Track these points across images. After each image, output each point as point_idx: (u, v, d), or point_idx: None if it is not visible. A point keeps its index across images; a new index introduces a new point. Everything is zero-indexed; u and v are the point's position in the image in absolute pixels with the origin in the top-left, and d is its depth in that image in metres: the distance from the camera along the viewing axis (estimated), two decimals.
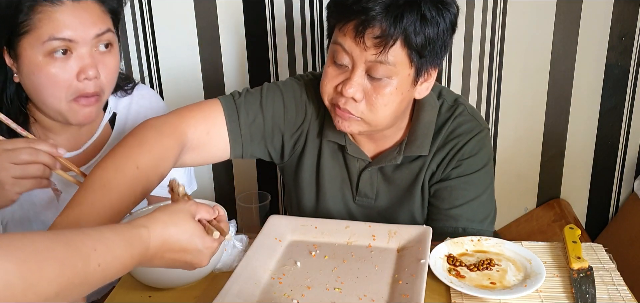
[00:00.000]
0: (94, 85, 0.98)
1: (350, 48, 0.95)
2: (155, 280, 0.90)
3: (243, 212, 1.50)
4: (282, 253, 1.00)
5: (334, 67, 1.00)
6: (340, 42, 0.96)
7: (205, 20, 1.67)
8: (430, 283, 0.89)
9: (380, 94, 0.97)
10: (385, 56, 0.93)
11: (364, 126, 1.02)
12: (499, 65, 1.69)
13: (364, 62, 0.95)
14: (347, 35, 0.95)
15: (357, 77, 0.96)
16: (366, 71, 0.96)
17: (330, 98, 1.02)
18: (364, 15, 0.91)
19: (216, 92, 1.75)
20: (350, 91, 0.96)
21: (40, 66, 0.94)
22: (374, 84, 0.96)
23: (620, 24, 1.63)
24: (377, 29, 0.91)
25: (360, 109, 0.99)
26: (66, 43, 0.94)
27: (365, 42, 0.93)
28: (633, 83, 1.70)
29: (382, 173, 1.13)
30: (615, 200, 1.86)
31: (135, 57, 1.72)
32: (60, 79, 0.95)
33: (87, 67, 0.97)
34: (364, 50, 0.94)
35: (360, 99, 0.97)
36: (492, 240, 0.99)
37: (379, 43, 0.92)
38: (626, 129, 1.76)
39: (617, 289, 0.88)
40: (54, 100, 0.98)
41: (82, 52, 0.96)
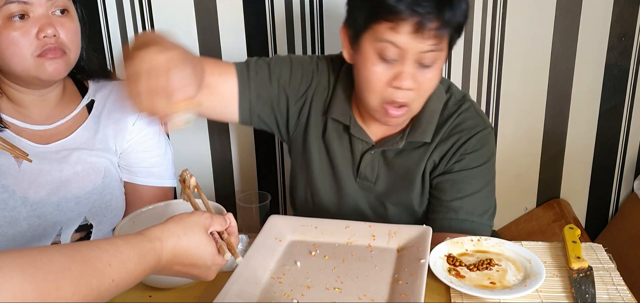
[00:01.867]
0: (55, 42, 1.04)
1: (405, 43, 0.96)
2: (155, 280, 0.91)
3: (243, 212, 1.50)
4: (282, 253, 1.00)
5: (382, 65, 1.00)
6: (391, 40, 0.96)
7: (205, 20, 1.67)
8: (430, 283, 0.89)
9: (428, 79, 1.01)
10: (439, 44, 0.97)
11: (410, 113, 1.06)
12: (499, 65, 1.69)
13: (415, 53, 0.97)
14: (402, 33, 0.95)
15: (409, 68, 0.99)
16: (416, 60, 0.98)
17: (382, 96, 1.02)
18: (422, 11, 0.93)
19: None
20: (407, 84, 0.99)
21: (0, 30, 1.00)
22: (422, 70, 1.00)
23: (620, 24, 1.63)
24: (437, 22, 0.94)
25: (412, 97, 1.02)
26: (22, 6, 1.00)
27: (424, 37, 0.95)
28: (633, 83, 1.70)
29: (384, 157, 1.15)
30: (615, 199, 1.86)
31: None
32: (20, 40, 1.01)
33: (45, 27, 1.02)
34: (421, 43, 0.96)
35: (414, 87, 1.00)
36: (492, 240, 0.99)
37: (438, 34, 0.95)
38: (626, 129, 1.76)
39: (617, 289, 0.88)
40: (19, 60, 1.02)
41: (39, 14, 1.02)
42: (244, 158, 1.82)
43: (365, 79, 1.03)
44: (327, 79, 1.16)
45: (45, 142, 1.12)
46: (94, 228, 1.16)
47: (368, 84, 1.02)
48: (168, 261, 0.72)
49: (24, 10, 1.01)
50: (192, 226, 0.75)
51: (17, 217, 1.08)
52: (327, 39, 1.68)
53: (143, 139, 1.22)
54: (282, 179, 1.87)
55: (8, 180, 1.07)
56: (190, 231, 0.74)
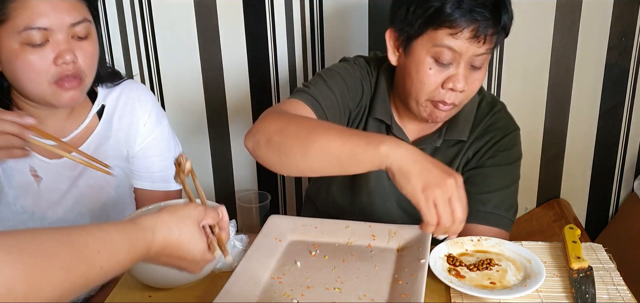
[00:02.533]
0: (73, 68, 1.00)
1: (462, 48, 0.99)
2: (155, 280, 0.90)
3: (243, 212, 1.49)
4: (282, 253, 1.00)
5: (437, 67, 1.02)
6: (449, 45, 0.99)
7: (205, 20, 1.67)
8: (430, 283, 0.89)
9: (477, 79, 1.04)
10: (491, 47, 1.01)
11: (453, 111, 1.08)
12: (499, 65, 1.69)
13: (469, 56, 1.00)
14: (461, 39, 0.98)
15: (463, 70, 1.02)
16: (469, 62, 1.01)
17: (432, 97, 1.05)
18: (480, 18, 0.96)
19: (216, 92, 1.75)
20: (461, 86, 1.01)
21: (17, 54, 0.96)
22: (473, 71, 1.03)
23: (620, 24, 1.63)
24: (495, 28, 0.98)
25: (461, 97, 1.05)
26: (42, 32, 0.95)
27: (480, 42, 0.98)
28: (633, 83, 1.70)
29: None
30: (615, 200, 1.86)
31: (135, 57, 1.72)
32: (38, 66, 0.97)
33: (64, 53, 0.98)
34: (477, 47, 0.99)
35: (465, 88, 1.03)
36: (492, 240, 0.99)
37: (494, 39, 1.00)
38: (626, 129, 1.76)
39: (617, 289, 0.88)
40: (34, 85, 0.99)
41: (59, 39, 0.98)
42: (244, 158, 1.82)
43: (418, 81, 1.04)
44: (369, 81, 1.18)
45: (58, 156, 1.10)
46: None
47: (421, 86, 1.04)
48: (157, 252, 0.70)
49: (44, 37, 0.96)
50: (185, 219, 0.74)
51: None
52: (327, 39, 1.68)
53: (153, 142, 1.21)
54: (282, 179, 1.87)
55: (27, 201, 1.07)
56: (183, 224, 0.73)
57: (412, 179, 0.82)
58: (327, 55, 1.69)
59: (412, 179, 0.82)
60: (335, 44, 1.67)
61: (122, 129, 1.18)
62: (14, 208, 1.06)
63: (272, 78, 1.73)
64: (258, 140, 0.95)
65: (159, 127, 1.22)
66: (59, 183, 1.10)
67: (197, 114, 1.79)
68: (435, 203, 0.81)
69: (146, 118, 1.20)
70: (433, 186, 0.81)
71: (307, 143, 0.90)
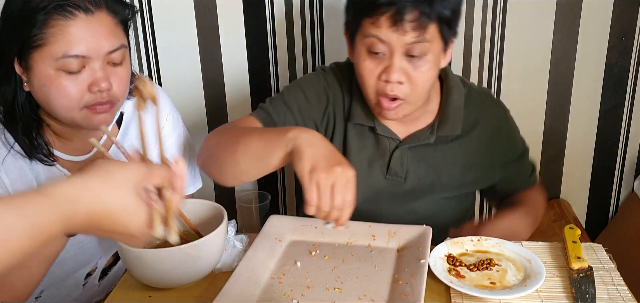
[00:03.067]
0: (107, 96, 0.98)
1: (387, 36, 0.99)
2: (155, 280, 0.90)
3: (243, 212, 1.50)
4: (282, 253, 1.00)
5: (371, 60, 1.03)
6: (375, 34, 1.00)
7: (205, 20, 1.67)
8: (430, 283, 0.89)
9: (420, 72, 1.02)
10: (423, 35, 0.99)
11: (408, 107, 1.07)
12: (499, 65, 1.69)
13: (401, 46, 1.00)
14: (383, 26, 0.98)
15: (398, 61, 1.01)
16: (404, 52, 1.01)
17: (375, 90, 1.05)
18: (396, 5, 0.96)
19: (216, 92, 1.75)
20: (395, 76, 1.01)
21: (52, 79, 0.93)
22: (414, 63, 1.02)
23: (620, 24, 1.63)
24: (415, 13, 0.97)
25: (405, 90, 1.04)
26: (80, 60, 0.93)
27: (404, 28, 0.97)
28: (633, 83, 1.70)
29: (413, 152, 1.16)
30: (615, 200, 1.86)
31: (135, 57, 1.72)
32: (72, 92, 0.94)
33: (99, 81, 0.95)
34: (402, 35, 0.98)
35: (405, 81, 1.02)
36: (492, 240, 0.99)
37: (418, 26, 0.98)
38: (626, 129, 1.76)
39: (617, 289, 0.88)
40: (65, 110, 0.97)
41: (95, 66, 0.95)
42: None
43: (360, 75, 1.07)
44: (340, 88, 1.18)
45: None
46: None
47: (362, 79, 1.06)
48: (82, 226, 0.59)
49: (81, 64, 0.94)
50: (119, 184, 0.61)
51: (64, 256, 1.06)
52: (327, 39, 1.68)
53: (170, 147, 1.20)
54: (282, 179, 1.87)
55: None
56: (114, 191, 0.60)
57: (304, 159, 0.86)
58: (327, 55, 1.69)
59: (304, 159, 0.86)
60: (335, 44, 1.67)
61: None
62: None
63: (272, 78, 1.73)
64: (203, 157, 1.06)
65: (175, 130, 1.22)
66: None
67: (197, 114, 1.79)
68: (318, 185, 0.84)
69: (164, 121, 1.19)
70: (319, 170, 0.84)
71: (235, 148, 0.97)
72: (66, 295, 1.13)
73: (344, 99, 1.17)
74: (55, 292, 1.11)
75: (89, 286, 1.15)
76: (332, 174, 0.84)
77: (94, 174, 0.60)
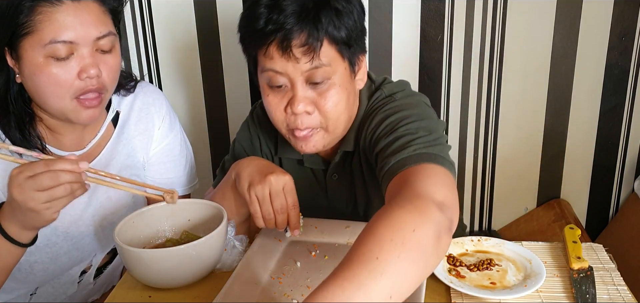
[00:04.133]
0: (96, 82, 0.98)
1: (283, 67, 0.94)
2: (155, 280, 0.90)
3: None
4: (282, 253, 1.00)
5: (274, 94, 0.99)
6: (270, 67, 0.95)
7: (205, 20, 1.67)
8: (430, 283, 0.89)
9: (327, 97, 0.97)
10: (318, 60, 0.93)
11: (326, 137, 1.02)
12: (499, 65, 1.69)
13: (300, 75, 0.94)
14: (274, 58, 0.93)
15: (301, 91, 0.96)
16: (306, 81, 0.95)
17: (285, 125, 1.01)
18: (282, 30, 0.91)
19: (216, 92, 1.75)
20: (299, 107, 0.96)
21: (41, 67, 0.94)
22: (318, 90, 0.96)
23: (620, 24, 1.63)
24: (302, 37, 0.91)
25: (317, 119, 0.99)
26: (67, 45, 0.93)
27: (294, 55, 0.92)
28: (633, 83, 1.70)
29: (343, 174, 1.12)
30: (615, 200, 1.86)
31: (135, 57, 1.72)
32: (61, 79, 0.95)
33: (88, 67, 0.96)
34: (297, 63, 0.93)
35: (312, 110, 0.98)
36: (492, 240, 0.99)
37: (308, 50, 0.92)
38: (626, 129, 1.76)
39: (617, 289, 0.88)
40: (56, 99, 0.97)
41: (83, 53, 0.96)
42: None
43: (268, 112, 1.02)
44: (257, 138, 1.18)
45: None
46: None
47: (270, 115, 1.01)
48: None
49: (70, 50, 0.94)
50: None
51: (58, 252, 1.07)
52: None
53: (167, 147, 1.21)
54: None
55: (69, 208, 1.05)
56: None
57: (242, 180, 0.96)
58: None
59: (242, 180, 0.96)
60: None
61: (137, 135, 1.17)
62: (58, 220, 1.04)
63: None
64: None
65: (172, 131, 1.22)
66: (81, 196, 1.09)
67: (197, 114, 1.79)
68: (257, 197, 0.92)
69: (160, 122, 1.19)
70: (255, 184, 0.93)
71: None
72: (61, 293, 1.13)
73: (271, 138, 1.16)
74: (50, 289, 1.11)
75: (84, 284, 1.15)
76: (266, 183, 0.92)
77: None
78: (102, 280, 1.19)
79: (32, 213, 0.87)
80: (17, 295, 1.09)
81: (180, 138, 1.24)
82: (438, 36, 1.65)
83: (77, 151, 1.09)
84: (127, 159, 1.15)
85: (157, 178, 1.21)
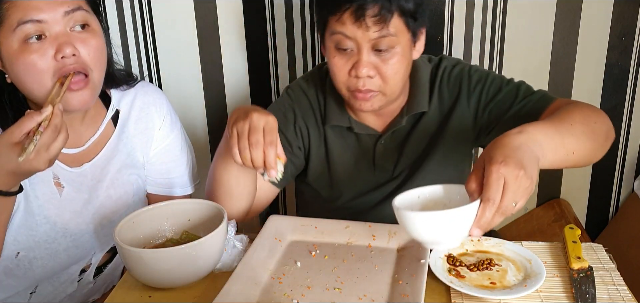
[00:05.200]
0: (74, 62, 0.97)
1: (352, 32, 1.01)
2: (155, 280, 0.90)
3: None
4: (282, 253, 1.00)
5: (339, 56, 1.06)
6: (340, 31, 1.02)
7: (205, 20, 1.67)
8: (430, 283, 0.89)
9: (389, 65, 1.04)
10: (387, 29, 1.01)
11: (382, 99, 1.09)
12: (499, 65, 1.69)
13: (367, 41, 1.02)
14: (347, 23, 1.01)
15: (366, 56, 1.03)
16: (371, 47, 1.03)
17: (347, 86, 1.07)
18: (358, 0, 0.98)
19: (216, 92, 1.75)
20: (363, 71, 1.03)
21: (17, 54, 0.94)
22: (382, 57, 1.04)
23: (620, 24, 1.63)
24: (375, 8, 0.99)
25: (377, 83, 1.06)
26: (36, 25, 0.93)
27: (366, 24, 0.99)
28: (633, 83, 1.70)
29: (394, 141, 1.18)
30: (615, 200, 1.86)
31: (135, 57, 1.72)
32: (38, 63, 0.94)
33: (63, 46, 0.95)
34: (366, 30, 1.00)
35: (374, 74, 1.05)
36: (492, 240, 0.99)
37: (379, 20, 1.00)
38: (626, 129, 1.76)
39: (617, 289, 0.88)
40: (38, 85, 0.96)
41: (56, 32, 0.95)
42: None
43: (331, 72, 1.09)
44: (307, 97, 1.20)
45: (78, 164, 1.08)
46: None
47: (333, 76, 1.09)
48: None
49: (40, 30, 0.93)
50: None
51: (57, 249, 1.07)
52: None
53: (168, 147, 1.21)
54: None
55: (50, 211, 1.05)
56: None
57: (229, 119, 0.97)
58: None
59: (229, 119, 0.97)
60: None
61: (137, 134, 1.16)
62: (38, 218, 1.05)
63: (272, 78, 1.73)
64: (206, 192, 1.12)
65: (173, 131, 1.22)
66: (80, 192, 1.09)
67: (197, 114, 1.79)
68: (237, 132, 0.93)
69: (161, 122, 1.19)
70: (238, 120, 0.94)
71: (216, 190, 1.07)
72: (61, 292, 1.13)
73: (319, 104, 1.19)
74: (50, 288, 1.11)
75: (84, 283, 1.15)
76: (247, 119, 0.92)
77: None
78: (102, 279, 1.19)
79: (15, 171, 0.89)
80: (17, 293, 1.09)
81: (182, 138, 1.24)
82: (438, 36, 1.65)
83: (77, 148, 1.09)
84: (127, 159, 1.15)
85: (158, 178, 1.21)
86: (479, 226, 0.78)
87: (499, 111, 1.11)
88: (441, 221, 0.79)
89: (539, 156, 0.82)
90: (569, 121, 0.92)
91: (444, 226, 0.80)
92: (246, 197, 1.09)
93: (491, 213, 0.77)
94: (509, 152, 0.78)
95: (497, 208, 0.77)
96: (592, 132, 0.94)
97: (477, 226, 0.79)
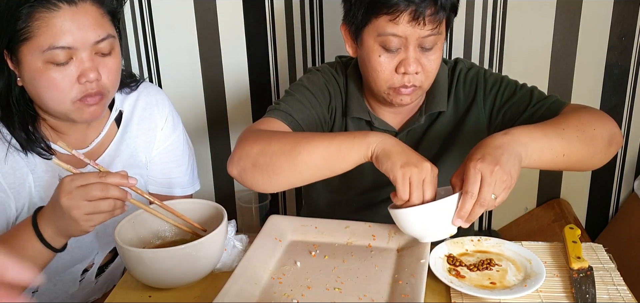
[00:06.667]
0: (96, 86, 0.98)
1: (405, 32, 1.02)
2: (155, 280, 0.90)
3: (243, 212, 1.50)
4: (282, 253, 1.00)
5: (386, 55, 1.05)
6: (391, 32, 1.02)
7: (205, 20, 1.67)
8: (430, 283, 0.89)
9: (432, 60, 1.07)
10: (439, 28, 1.03)
11: (419, 93, 1.11)
12: (499, 65, 1.69)
13: (416, 38, 1.03)
14: (401, 23, 1.01)
15: (413, 54, 1.04)
16: (418, 44, 1.04)
17: (390, 83, 1.08)
18: (414, 4, 0.99)
19: (216, 92, 1.75)
20: (412, 68, 1.04)
21: (41, 72, 0.94)
22: (426, 53, 1.06)
23: (620, 24, 1.63)
24: (433, 8, 1.00)
25: (420, 78, 1.08)
26: (66, 51, 0.93)
27: (422, 23, 1.01)
28: (633, 83, 1.70)
29: (411, 139, 1.19)
30: (615, 200, 1.86)
31: (135, 57, 1.72)
32: (61, 84, 0.95)
33: (88, 71, 0.96)
34: (420, 29, 1.02)
35: (420, 70, 1.06)
36: (492, 240, 0.99)
37: (435, 19, 1.02)
38: (626, 129, 1.76)
39: (617, 289, 0.88)
40: (56, 104, 0.97)
41: (82, 57, 0.96)
42: None
43: (373, 70, 1.08)
44: (336, 84, 1.20)
45: (83, 165, 1.08)
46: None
47: (376, 74, 1.08)
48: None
49: (69, 56, 0.94)
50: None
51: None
52: (327, 38, 1.68)
53: (170, 147, 1.21)
54: None
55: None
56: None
57: (393, 157, 0.91)
58: (327, 55, 1.70)
59: (393, 157, 0.91)
60: (335, 44, 1.67)
61: (140, 134, 1.17)
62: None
63: (272, 78, 1.73)
64: (244, 166, 0.99)
65: (175, 131, 1.22)
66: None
67: (197, 114, 1.79)
68: (410, 180, 0.89)
69: (163, 122, 1.19)
70: (411, 166, 0.89)
71: (294, 155, 0.96)
72: (63, 291, 1.13)
73: (341, 95, 1.20)
74: (52, 287, 1.11)
75: (86, 282, 1.15)
76: (423, 170, 0.89)
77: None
78: (103, 279, 1.19)
79: (72, 221, 0.87)
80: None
81: (183, 138, 1.24)
82: None
83: (81, 150, 1.09)
84: (130, 159, 1.15)
85: (159, 178, 1.21)
86: (460, 216, 0.87)
87: (513, 114, 1.13)
88: (423, 214, 0.89)
89: (522, 155, 0.90)
90: (561, 125, 0.96)
91: (427, 218, 0.90)
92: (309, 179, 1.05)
93: (470, 204, 0.86)
94: (489, 150, 0.87)
95: (475, 200, 0.85)
96: (588, 137, 0.97)
97: (458, 216, 0.88)
